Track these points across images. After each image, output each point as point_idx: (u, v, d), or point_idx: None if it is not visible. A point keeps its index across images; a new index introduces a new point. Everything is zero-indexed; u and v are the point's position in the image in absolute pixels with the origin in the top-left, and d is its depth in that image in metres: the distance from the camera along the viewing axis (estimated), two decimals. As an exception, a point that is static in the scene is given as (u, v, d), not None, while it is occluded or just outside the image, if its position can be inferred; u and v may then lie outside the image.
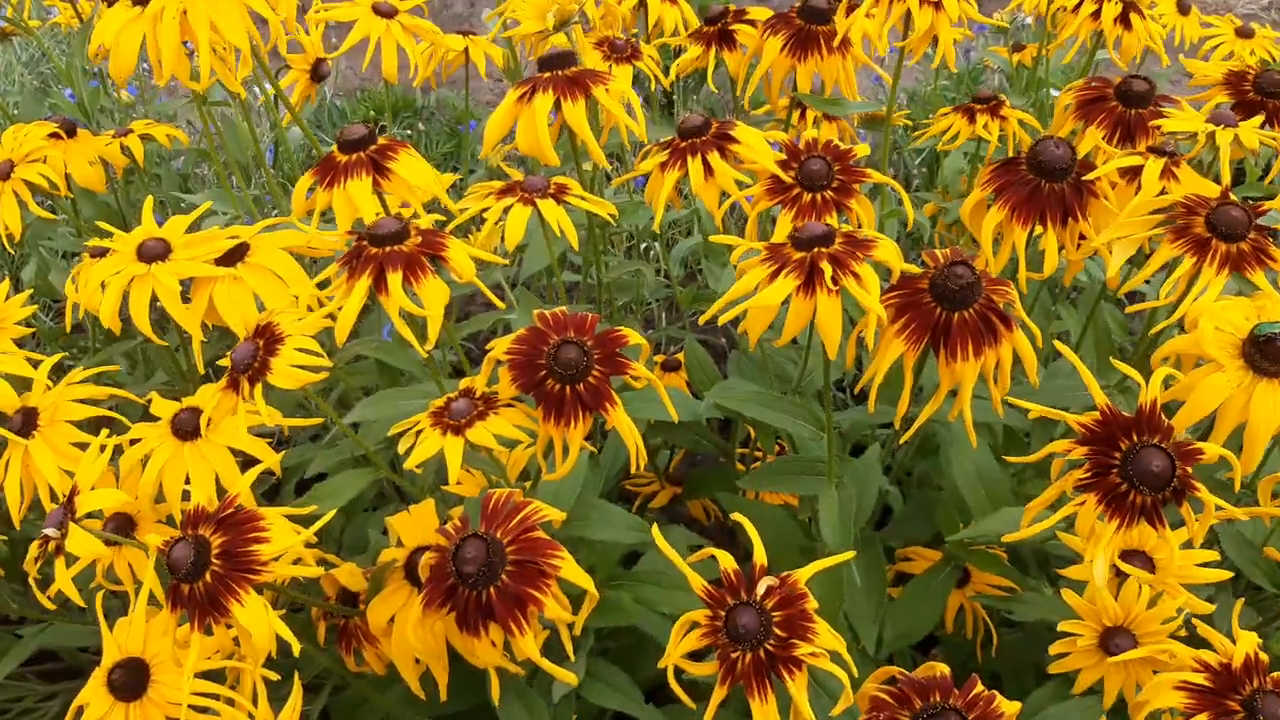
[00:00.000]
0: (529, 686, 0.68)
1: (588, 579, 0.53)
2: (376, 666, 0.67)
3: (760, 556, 0.50)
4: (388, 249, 0.56)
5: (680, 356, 1.09)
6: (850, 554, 0.53)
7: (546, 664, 0.52)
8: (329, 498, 0.63)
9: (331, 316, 0.57)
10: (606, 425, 0.57)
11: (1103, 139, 0.74)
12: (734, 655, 0.47)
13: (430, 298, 0.56)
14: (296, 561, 0.55)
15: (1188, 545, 0.59)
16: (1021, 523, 0.54)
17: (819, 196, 0.68)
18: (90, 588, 0.66)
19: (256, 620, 0.51)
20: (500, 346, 0.56)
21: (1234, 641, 0.51)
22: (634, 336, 0.56)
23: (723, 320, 0.56)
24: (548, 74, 0.67)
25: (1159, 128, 0.70)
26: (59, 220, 1.05)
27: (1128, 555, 0.59)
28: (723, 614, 0.48)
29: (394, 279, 0.55)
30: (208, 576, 0.52)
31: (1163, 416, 0.51)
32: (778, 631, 0.47)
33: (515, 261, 0.89)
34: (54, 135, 0.91)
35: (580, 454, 0.60)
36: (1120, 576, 0.58)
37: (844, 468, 0.72)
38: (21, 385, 0.71)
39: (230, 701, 0.57)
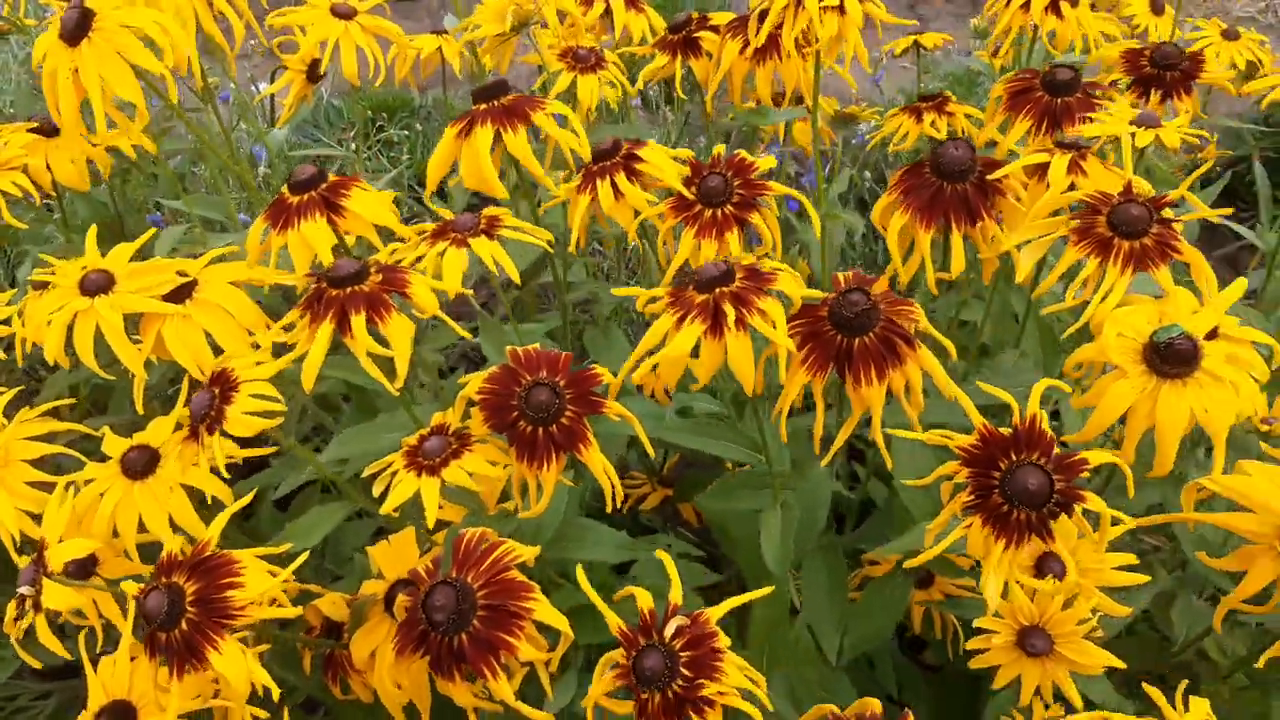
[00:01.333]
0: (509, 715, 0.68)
1: (562, 620, 0.53)
2: (363, 695, 0.67)
3: (675, 595, 0.50)
4: (349, 289, 0.55)
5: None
6: (762, 592, 0.53)
7: (523, 707, 0.52)
8: (304, 535, 0.62)
9: (298, 358, 0.56)
10: (581, 458, 0.56)
11: (1029, 129, 0.74)
12: (644, 697, 0.47)
13: (396, 336, 0.55)
14: (273, 603, 0.55)
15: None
16: (924, 542, 0.55)
17: (718, 212, 0.68)
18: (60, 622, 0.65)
19: (234, 667, 0.51)
20: (473, 386, 0.56)
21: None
22: (606, 375, 0.55)
23: (636, 379, 0.56)
24: (484, 105, 0.66)
25: (1087, 118, 0.70)
26: (52, 220, 1.04)
27: (1045, 557, 0.59)
28: (632, 656, 0.48)
29: (358, 321, 0.54)
30: (183, 624, 0.52)
31: (1044, 431, 0.52)
32: (684, 672, 0.47)
33: (502, 285, 0.88)
34: (37, 131, 0.90)
35: (558, 486, 0.60)
36: (1038, 577, 0.58)
37: (796, 481, 0.72)
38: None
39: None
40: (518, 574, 0.53)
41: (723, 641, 0.48)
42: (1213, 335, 0.57)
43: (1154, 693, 0.54)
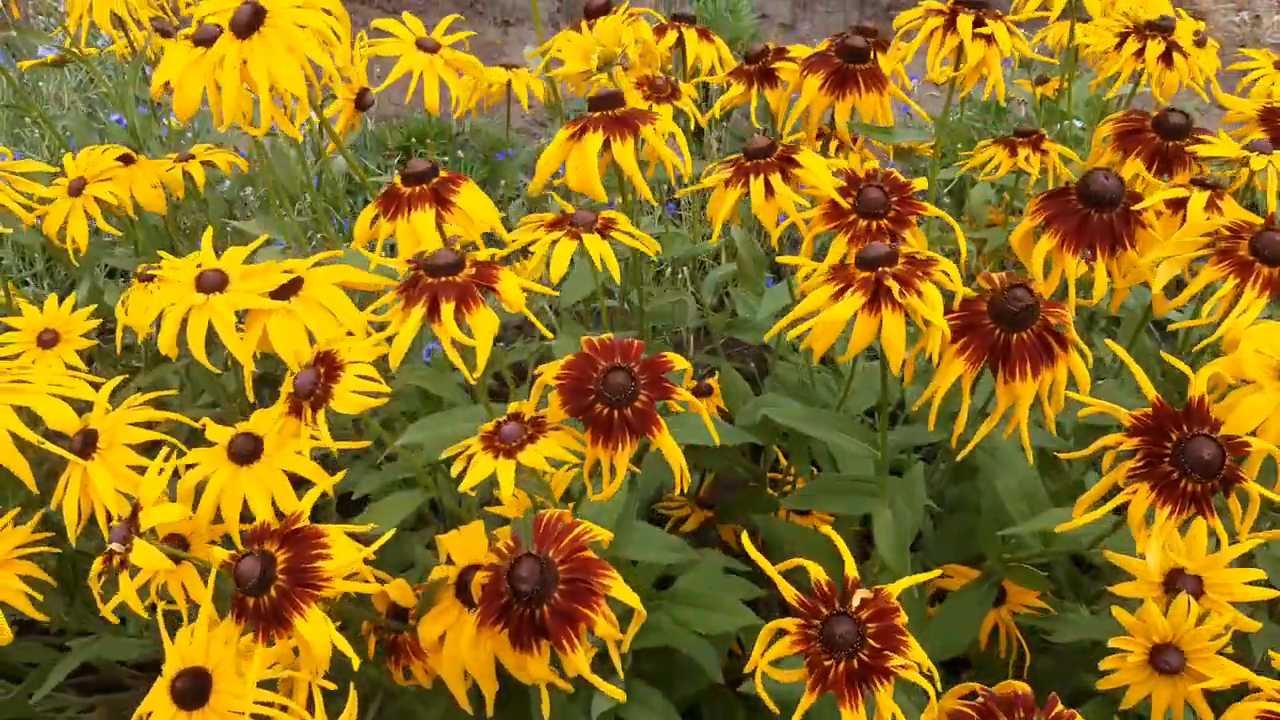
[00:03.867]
0: (570, 703, 0.70)
1: (635, 598, 0.55)
2: (424, 681, 0.69)
3: (851, 569, 0.52)
4: (443, 279, 0.59)
5: (712, 382, 1.12)
6: (923, 576, 0.54)
7: (597, 680, 0.54)
8: (382, 517, 0.65)
9: (387, 340, 0.59)
10: (651, 448, 0.59)
11: (1142, 169, 0.76)
12: (827, 663, 0.49)
13: (480, 328, 0.58)
14: (354, 577, 0.57)
15: (1238, 560, 0.60)
16: (1074, 514, 0.56)
17: (875, 224, 0.70)
18: (146, 604, 0.68)
19: (318, 634, 0.53)
20: (550, 372, 0.59)
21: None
22: (679, 361, 0.58)
23: (791, 335, 0.59)
24: (598, 113, 0.70)
25: (1195, 154, 0.72)
26: (115, 242, 1.09)
27: (1175, 576, 0.60)
28: (816, 623, 0.50)
29: (447, 309, 0.58)
30: (273, 591, 0.54)
31: (1210, 411, 0.53)
32: (872, 642, 0.49)
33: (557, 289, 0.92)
34: (123, 159, 0.95)
35: (623, 475, 0.62)
36: (1169, 594, 0.60)
37: (891, 486, 0.74)
38: (81, 407, 0.74)
39: (285, 709, 0.59)
40: (593, 553, 0.55)
41: (903, 618, 0.50)
42: None
43: None
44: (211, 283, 0.71)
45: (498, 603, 0.54)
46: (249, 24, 0.68)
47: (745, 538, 0.53)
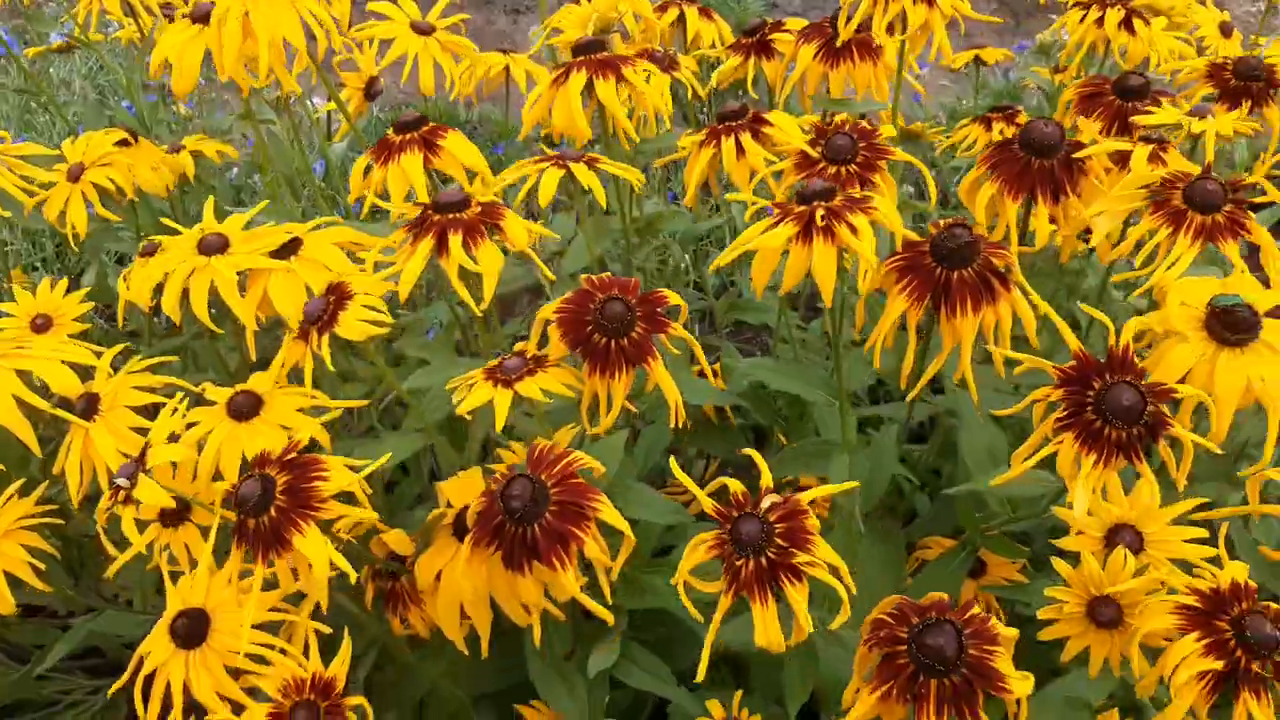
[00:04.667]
0: (566, 662, 0.70)
1: (624, 522, 0.56)
2: (421, 629, 0.70)
3: (766, 479, 0.53)
4: (450, 215, 0.61)
5: (716, 366, 1.13)
6: (842, 487, 0.55)
7: (586, 599, 0.55)
8: (381, 456, 0.66)
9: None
10: (647, 386, 0.60)
11: (1099, 130, 0.78)
12: (738, 564, 0.50)
13: (486, 260, 0.60)
14: (355, 505, 0.58)
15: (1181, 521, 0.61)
16: (1011, 468, 0.56)
17: (843, 170, 0.71)
18: (149, 567, 0.69)
19: (317, 551, 0.54)
20: (550, 308, 0.60)
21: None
22: (674, 297, 0.59)
23: (722, 263, 0.60)
24: (581, 57, 0.72)
25: (1136, 123, 0.74)
26: (119, 224, 1.11)
27: (1116, 530, 0.60)
28: (728, 527, 0.51)
29: (455, 240, 0.60)
30: (272, 511, 0.55)
31: (1135, 360, 0.54)
32: (778, 541, 0.50)
33: (554, 261, 0.94)
34: (121, 143, 0.97)
35: (618, 436, 0.63)
36: (1109, 549, 0.60)
37: (860, 448, 0.74)
38: (83, 374, 0.75)
39: (284, 652, 0.60)
40: (583, 479, 0.56)
41: (813, 521, 0.51)
42: (1276, 314, 0.58)
43: None
44: (213, 245, 0.73)
45: (491, 523, 0.55)
46: None
47: (673, 462, 0.54)
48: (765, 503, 0.51)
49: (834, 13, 0.86)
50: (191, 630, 0.62)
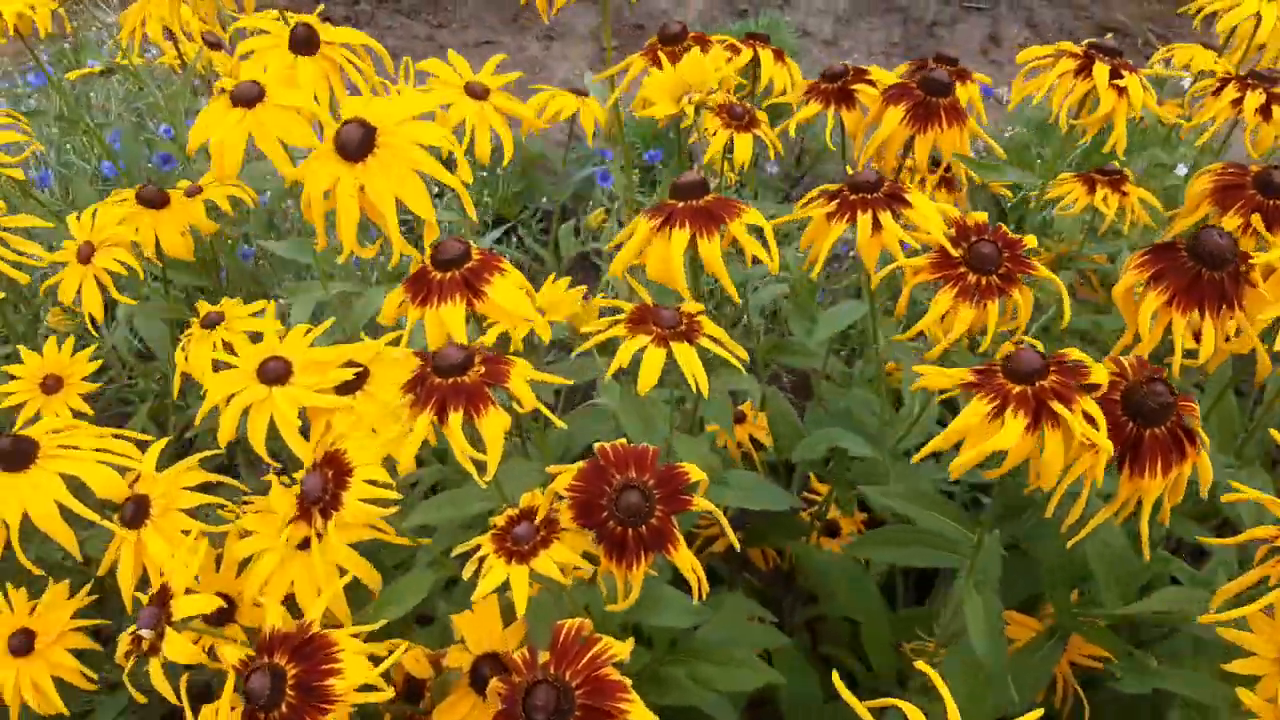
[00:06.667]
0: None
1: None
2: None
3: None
4: (451, 381, 0.57)
5: (745, 408, 1.08)
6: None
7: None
8: (396, 601, 0.64)
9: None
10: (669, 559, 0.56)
11: (1238, 227, 0.72)
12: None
13: (490, 433, 0.56)
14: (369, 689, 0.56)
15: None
16: (1213, 603, 0.57)
17: (985, 280, 0.67)
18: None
19: (330, 756, 0.53)
20: (562, 480, 0.56)
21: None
22: (695, 473, 0.55)
23: (944, 451, 0.57)
24: (682, 203, 0.66)
25: None
26: (154, 274, 1.08)
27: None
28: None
29: (455, 417, 0.55)
30: (284, 707, 0.54)
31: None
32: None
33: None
34: (145, 202, 0.92)
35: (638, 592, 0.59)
36: None
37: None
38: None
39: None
40: (614, 672, 0.53)
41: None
42: None
43: None
44: (274, 374, 0.69)
45: (512, 724, 0.52)
46: (360, 147, 0.63)
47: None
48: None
49: (919, 65, 0.78)
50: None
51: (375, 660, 0.55)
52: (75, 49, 1.28)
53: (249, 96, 0.70)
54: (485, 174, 1.65)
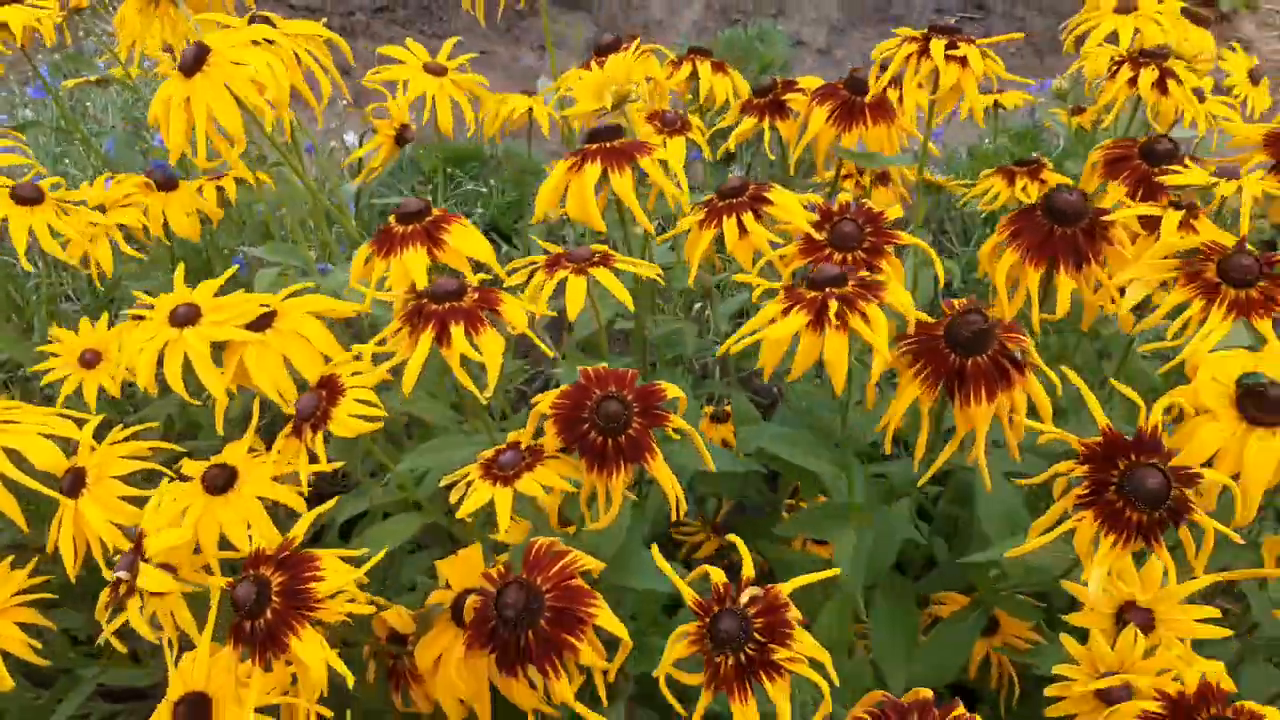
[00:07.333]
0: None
1: (622, 628, 0.55)
2: (423, 706, 0.69)
3: (748, 570, 0.52)
4: (448, 305, 0.60)
5: (728, 409, 1.12)
6: (827, 574, 0.54)
7: (580, 708, 0.54)
8: (379, 541, 0.66)
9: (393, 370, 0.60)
10: (648, 475, 0.59)
11: (1125, 194, 0.76)
12: (717, 660, 0.49)
13: (489, 348, 0.59)
14: (351, 600, 0.58)
15: (1192, 600, 0.60)
16: (1027, 540, 0.55)
17: (849, 256, 0.70)
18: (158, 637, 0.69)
19: (313, 654, 0.54)
20: (545, 401, 0.59)
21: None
22: (672, 390, 0.58)
23: (732, 350, 0.59)
24: (595, 145, 0.71)
25: (1163, 183, 0.72)
26: (148, 263, 1.12)
27: (1127, 608, 0.59)
28: (707, 622, 0.50)
29: (457, 331, 0.59)
30: (268, 613, 0.55)
31: (1162, 440, 0.53)
32: (757, 636, 0.49)
33: (567, 328, 0.93)
34: (159, 185, 0.99)
35: (623, 503, 0.62)
36: (1119, 626, 0.58)
37: (873, 514, 0.73)
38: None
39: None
40: (582, 582, 0.55)
41: (794, 614, 0.50)
42: None
43: None
44: (184, 317, 0.72)
45: (486, 627, 0.54)
46: (193, 63, 0.71)
47: (655, 551, 0.53)
48: (745, 596, 0.50)
49: (850, 72, 0.84)
50: (193, 716, 0.62)
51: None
52: (74, 58, 1.33)
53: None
54: (481, 187, 1.71)
